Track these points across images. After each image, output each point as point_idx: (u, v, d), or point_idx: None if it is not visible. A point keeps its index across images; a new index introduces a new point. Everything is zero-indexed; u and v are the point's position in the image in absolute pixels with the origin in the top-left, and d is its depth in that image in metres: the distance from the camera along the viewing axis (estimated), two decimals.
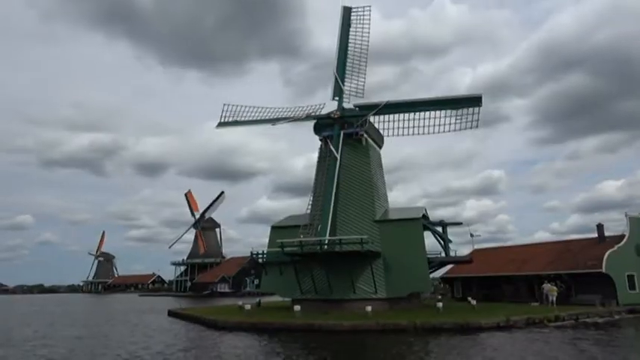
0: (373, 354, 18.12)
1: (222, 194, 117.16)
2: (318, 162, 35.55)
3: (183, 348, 20.29)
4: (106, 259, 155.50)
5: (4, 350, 20.04)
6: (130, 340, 23.34)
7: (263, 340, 22.07)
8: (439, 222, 37.60)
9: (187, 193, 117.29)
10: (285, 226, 35.80)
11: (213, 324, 28.27)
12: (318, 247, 30.20)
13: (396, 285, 31.23)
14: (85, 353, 18.82)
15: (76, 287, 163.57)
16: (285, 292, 34.69)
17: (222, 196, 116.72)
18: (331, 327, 24.21)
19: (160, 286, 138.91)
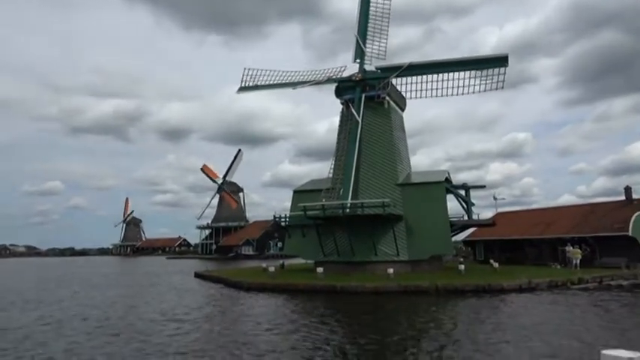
0: (395, 314, 18.50)
1: (240, 152, 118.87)
2: (339, 125, 35.37)
3: (212, 307, 21.14)
4: (133, 223, 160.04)
5: (55, 307, 21.12)
6: (162, 299, 24.35)
7: (286, 300, 22.70)
8: (462, 185, 37.28)
9: (203, 168, 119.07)
10: (307, 190, 36.13)
11: (239, 285, 29.11)
12: (340, 211, 30.45)
13: (417, 247, 31.44)
14: (124, 312, 19.69)
15: (105, 250, 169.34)
16: (308, 254, 35.33)
17: (240, 154, 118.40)
18: (353, 288, 24.68)
19: (186, 249, 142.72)
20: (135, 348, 12.55)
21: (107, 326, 16.07)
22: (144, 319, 17.55)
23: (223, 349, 12.35)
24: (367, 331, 14.29)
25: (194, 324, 16.31)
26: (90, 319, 17.62)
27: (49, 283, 36.69)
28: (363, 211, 30.35)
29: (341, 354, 11.36)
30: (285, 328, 15.02)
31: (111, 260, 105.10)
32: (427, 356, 10.94)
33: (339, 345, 12.40)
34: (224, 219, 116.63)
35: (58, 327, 16.05)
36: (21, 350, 12.48)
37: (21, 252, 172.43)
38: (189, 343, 13.01)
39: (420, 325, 15.05)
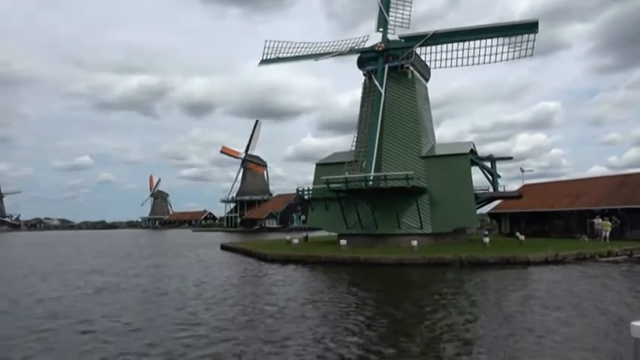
0: (419, 286, 18.51)
1: (258, 122, 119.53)
2: (362, 98, 34.90)
3: (239, 277, 21.60)
4: (160, 197, 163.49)
5: (94, 277, 21.91)
6: (191, 270, 24.99)
7: (310, 271, 22.95)
8: (488, 157, 36.64)
9: (223, 149, 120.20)
10: (330, 163, 36.06)
11: (263, 257, 29.54)
12: (363, 184, 30.34)
13: (441, 220, 31.20)
14: (155, 282, 20.27)
15: (134, 223, 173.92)
16: (331, 227, 35.51)
17: (258, 125, 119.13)
18: (376, 260, 24.76)
19: (212, 222, 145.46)
20: (175, 316, 12.93)
21: (157, 295, 16.60)
22: (180, 289, 18.03)
23: (251, 320, 12.57)
24: (391, 302, 14.35)
25: (225, 293, 16.65)
26: (148, 290, 18.20)
27: (104, 253, 37.99)
28: (387, 183, 30.17)
29: (365, 324, 11.44)
30: (309, 299, 15.19)
31: (141, 233, 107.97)
32: (452, 327, 10.91)
33: (363, 315, 12.48)
34: (248, 192, 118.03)
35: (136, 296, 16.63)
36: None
37: (55, 225, 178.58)
38: (222, 313, 13.27)
39: (444, 296, 15.02)
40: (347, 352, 9.16)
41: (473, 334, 10.38)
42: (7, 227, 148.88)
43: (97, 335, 10.83)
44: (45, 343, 10.24)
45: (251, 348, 9.59)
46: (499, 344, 9.45)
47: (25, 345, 10.16)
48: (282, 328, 11.18)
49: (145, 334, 10.93)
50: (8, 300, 16.12)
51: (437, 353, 8.95)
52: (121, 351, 9.48)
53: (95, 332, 11.12)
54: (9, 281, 21.56)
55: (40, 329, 11.54)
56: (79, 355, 9.32)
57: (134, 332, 11.13)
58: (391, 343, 9.68)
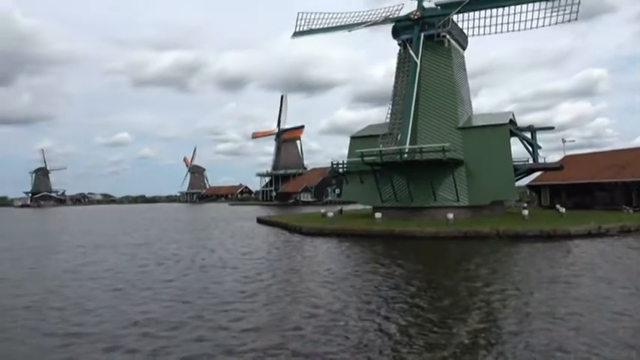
0: (455, 259, 18.38)
1: (283, 97, 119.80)
2: (397, 68, 34.18)
3: (277, 249, 22.12)
4: (197, 172, 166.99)
5: (144, 248, 22.87)
6: (232, 241, 25.75)
7: (344, 244, 23.13)
8: (528, 127, 35.50)
9: (253, 135, 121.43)
10: (364, 135, 35.77)
11: (298, 230, 29.91)
12: (398, 156, 30.02)
13: (478, 192, 30.65)
14: (200, 252, 20.95)
15: (173, 197, 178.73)
16: (366, 200, 35.48)
17: (284, 100, 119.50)
18: (411, 233, 24.67)
19: (247, 195, 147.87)
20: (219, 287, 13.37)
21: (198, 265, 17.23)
22: (223, 259, 18.60)
23: (288, 292, 12.83)
24: (427, 275, 14.35)
25: (263, 264, 17.04)
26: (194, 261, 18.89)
27: (153, 226, 39.52)
28: (422, 156, 29.74)
29: (401, 296, 11.50)
30: (345, 271, 15.37)
31: (180, 207, 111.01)
32: (491, 300, 10.81)
33: (399, 287, 12.54)
34: (283, 166, 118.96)
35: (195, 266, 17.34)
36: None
37: (98, 200, 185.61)
38: (261, 285, 13.60)
39: (482, 269, 14.89)
40: (402, 321, 9.18)
41: (524, 307, 10.14)
42: (54, 202, 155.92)
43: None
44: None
45: (312, 320, 9.74)
46: (557, 319, 9.12)
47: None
48: (335, 301, 11.27)
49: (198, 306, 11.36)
50: (92, 270, 16.98)
51: (496, 328, 8.69)
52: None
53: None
54: (82, 254, 22.69)
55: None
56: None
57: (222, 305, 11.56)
58: (444, 314, 9.63)
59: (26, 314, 10.63)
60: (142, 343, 8.33)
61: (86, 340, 8.54)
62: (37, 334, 9.11)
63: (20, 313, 10.77)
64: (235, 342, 8.27)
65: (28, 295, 12.73)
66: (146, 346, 8.10)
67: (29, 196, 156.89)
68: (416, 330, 8.62)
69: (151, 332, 8.93)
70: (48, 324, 9.76)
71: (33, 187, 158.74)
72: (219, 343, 8.24)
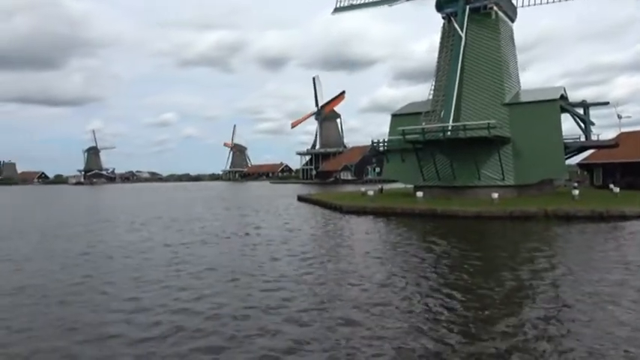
0: (500, 239, 17.85)
1: (315, 78, 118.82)
2: (440, 43, 33.09)
3: (319, 227, 22.18)
4: (239, 151, 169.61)
5: (194, 224, 23.59)
6: (275, 219, 26.14)
7: (385, 223, 22.89)
8: (580, 103, 33.77)
9: (293, 124, 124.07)
10: (406, 113, 35.06)
11: (339, 208, 29.86)
12: (441, 134, 29.29)
13: (525, 171, 29.58)
14: (247, 228, 21.36)
15: (216, 176, 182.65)
16: (407, 179, 34.97)
17: (317, 80, 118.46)
18: (454, 212, 24.12)
19: (288, 174, 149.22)
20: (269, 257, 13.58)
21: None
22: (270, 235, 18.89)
23: (330, 271, 12.83)
24: (471, 255, 13.97)
25: (308, 242, 17.11)
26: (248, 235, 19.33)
27: (202, 203, 40.77)
28: (466, 133, 28.87)
29: (443, 277, 11.25)
30: (386, 249, 15.21)
31: (223, 185, 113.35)
32: (539, 282, 10.37)
33: (444, 267, 12.26)
34: (323, 145, 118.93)
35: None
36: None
37: (146, 177, 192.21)
38: (308, 262, 13.66)
39: (529, 251, 14.34)
40: (454, 304, 8.88)
41: (572, 291, 9.62)
42: (105, 180, 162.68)
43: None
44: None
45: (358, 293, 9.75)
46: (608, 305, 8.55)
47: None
48: (376, 274, 11.25)
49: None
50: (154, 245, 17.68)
51: (562, 314, 8.10)
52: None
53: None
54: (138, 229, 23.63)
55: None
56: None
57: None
58: (496, 298, 9.19)
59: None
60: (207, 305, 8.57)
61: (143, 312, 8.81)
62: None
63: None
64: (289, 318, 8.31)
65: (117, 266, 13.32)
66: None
67: (82, 174, 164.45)
68: (470, 313, 8.22)
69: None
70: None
71: (85, 166, 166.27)
72: (275, 321, 8.28)
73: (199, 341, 7.20)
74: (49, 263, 14.04)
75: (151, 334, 7.59)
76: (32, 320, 8.48)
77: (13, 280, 11.77)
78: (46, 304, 9.55)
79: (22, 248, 17.10)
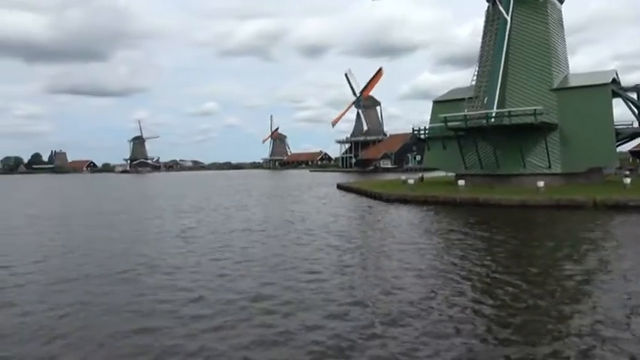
0: (546, 229, 17.41)
1: (348, 73, 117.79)
2: (484, 27, 32.17)
3: (360, 215, 22.40)
4: (279, 139, 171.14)
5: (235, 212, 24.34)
6: (315, 206, 26.51)
7: (427, 211, 22.75)
8: (633, 87, 32.07)
9: (333, 122, 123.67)
10: (448, 100, 34.48)
11: (379, 196, 29.83)
12: (485, 121, 28.65)
13: (573, 159, 28.58)
14: (287, 216, 21.81)
15: (257, 164, 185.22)
16: (449, 167, 34.48)
17: (350, 74, 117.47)
18: (498, 201, 23.68)
19: (327, 162, 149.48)
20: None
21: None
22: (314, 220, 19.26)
23: (369, 259, 12.98)
24: (516, 245, 13.78)
25: (350, 230, 17.32)
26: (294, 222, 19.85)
27: (249, 191, 41.86)
28: (511, 120, 28.13)
29: (486, 267, 11.17)
30: (432, 239, 15.15)
31: (264, 173, 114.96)
32: (607, 276, 10.04)
33: (490, 258, 12.15)
34: (362, 133, 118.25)
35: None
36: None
37: (189, 166, 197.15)
38: (350, 250, 13.88)
39: (577, 241, 13.99)
40: (497, 301, 8.64)
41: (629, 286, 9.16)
42: (150, 168, 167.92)
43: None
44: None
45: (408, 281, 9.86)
46: None
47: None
48: (422, 263, 11.31)
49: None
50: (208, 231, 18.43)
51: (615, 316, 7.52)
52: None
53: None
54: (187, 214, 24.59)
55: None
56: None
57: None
58: (547, 297, 8.60)
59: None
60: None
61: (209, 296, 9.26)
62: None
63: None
64: (330, 301, 8.55)
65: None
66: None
67: (128, 163, 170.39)
68: (514, 312, 7.76)
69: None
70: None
71: (131, 155, 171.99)
72: (318, 305, 8.53)
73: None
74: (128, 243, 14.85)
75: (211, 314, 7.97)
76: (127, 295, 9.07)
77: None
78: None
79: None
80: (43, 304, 8.74)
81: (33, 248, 14.97)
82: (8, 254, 13.87)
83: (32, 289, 9.94)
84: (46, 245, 15.48)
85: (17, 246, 15.67)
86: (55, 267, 12.14)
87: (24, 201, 38.11)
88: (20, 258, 13.28)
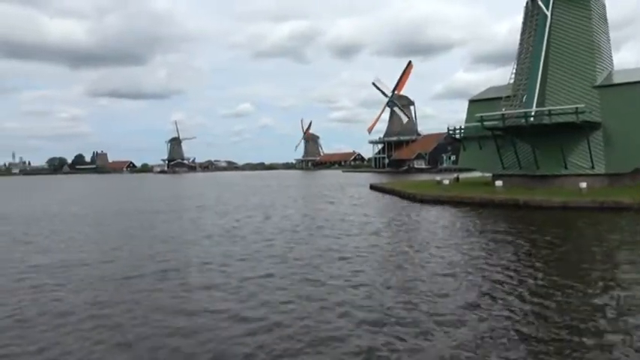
0: (589, 232, 16.68)
1: (375, 81, 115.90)
2: (523, 23, 31.25)
3: (394, 215, 22.05)
4: (312, 140, 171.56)
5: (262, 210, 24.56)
6: (352, 207, 26.31)
7: (463, 212, 22.23)
8: None
9: (369, 128, 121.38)
10: (484, 98, 33.68)
11: (412, 197, 29.40)
12: (524, 120, 27.81)
13: (618, 159, 27.36)
14: (320, 216, 21.82)
15: (290, 164, 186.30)
16: (485, 167, 33.67)
17: (378, 83, 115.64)
18: (538, 203, 22.91)
19: (360, 163, 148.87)
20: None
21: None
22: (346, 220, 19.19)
23: (400, 260, 12.76)
24: (555, 248, 13.25)
25: (384, 230, 17.15)
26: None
27: (280, 191, 42.30)
28: (551, 119, 27.18)
29: (540, 270, 10.76)
30: (464, 241, 14.78)
31: (296, 174, 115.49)
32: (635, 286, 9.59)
33: (535, 260, 11.74)
34: (395, 133, 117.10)
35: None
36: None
37: (223, 166, 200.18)
38: (384, 249, 13.73)
39: (629, 245, 13.31)
40: (557, 294, 8.53)
41: None
42: (186, 169, 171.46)
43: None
44: None
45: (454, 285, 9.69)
46: None
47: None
48: (469, 266, 11.04)
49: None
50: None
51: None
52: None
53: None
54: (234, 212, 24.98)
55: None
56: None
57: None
58: (590, 310, 7.95)
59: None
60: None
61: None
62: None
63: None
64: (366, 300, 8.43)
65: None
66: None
67: (166, 163, 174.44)
68: (582, 318, 7.32)
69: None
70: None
71: (169, 155, 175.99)
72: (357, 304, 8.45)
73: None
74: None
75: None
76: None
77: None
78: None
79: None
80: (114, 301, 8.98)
81: (99, 242, 15.47)
82: (84, 250, 14.37)
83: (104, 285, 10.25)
84: (96, 243, 15.96)
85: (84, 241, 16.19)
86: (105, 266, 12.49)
87: (80, 200, 39.47)
88: (93, 253, 13.75)
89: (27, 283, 10.58)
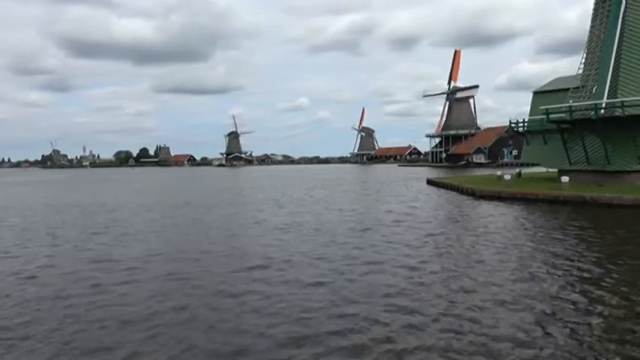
0: None
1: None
2: (594, 9, 29.48)
3: (453, 213, 21.56)
4: (367, 133, 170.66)
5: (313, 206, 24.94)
6: (409, 203, 26.03)
7: (527, 210, 21.39)
8: None
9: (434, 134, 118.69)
10: (550, 90, 32.22)
11: (471, 192, 28.63)
12: (593, 113, 26.29)
13: None
14: (377, 211, 21.87)
15: (344, 158, 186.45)
16: (550, 162, 32.19)
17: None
18: (607, 200, 21.63)
19: (416, 157, 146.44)
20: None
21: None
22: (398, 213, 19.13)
23: (453, 258, 12.55)
24: (625, 250, 12.51)
25: (441, 226, 16.91)
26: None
27: (338, 185, 42.91)
28: (624, 111, 25.52)
29: (590, 275, 10.26)
30: (538, 240, 14.18)
31: (351, 167, 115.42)
32: None
33: (608, 260, 11.15)
34: (454, 127, 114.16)
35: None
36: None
37: (279, 160, 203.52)
38: (439, 247, 13.58)
39: None
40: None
41: None
42: (244, 162, 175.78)
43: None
44: None
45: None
46: None
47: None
48: (529, 278, 10.15)
49: None
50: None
51: None
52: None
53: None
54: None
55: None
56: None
57: None
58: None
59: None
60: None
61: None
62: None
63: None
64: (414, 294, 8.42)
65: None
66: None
67: (224, 157, 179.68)
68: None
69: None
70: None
71: (227, 149, 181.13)
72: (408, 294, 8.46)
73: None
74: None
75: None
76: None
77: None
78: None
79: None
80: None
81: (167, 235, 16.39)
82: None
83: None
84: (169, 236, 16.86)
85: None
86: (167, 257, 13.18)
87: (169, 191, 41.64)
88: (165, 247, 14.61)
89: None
